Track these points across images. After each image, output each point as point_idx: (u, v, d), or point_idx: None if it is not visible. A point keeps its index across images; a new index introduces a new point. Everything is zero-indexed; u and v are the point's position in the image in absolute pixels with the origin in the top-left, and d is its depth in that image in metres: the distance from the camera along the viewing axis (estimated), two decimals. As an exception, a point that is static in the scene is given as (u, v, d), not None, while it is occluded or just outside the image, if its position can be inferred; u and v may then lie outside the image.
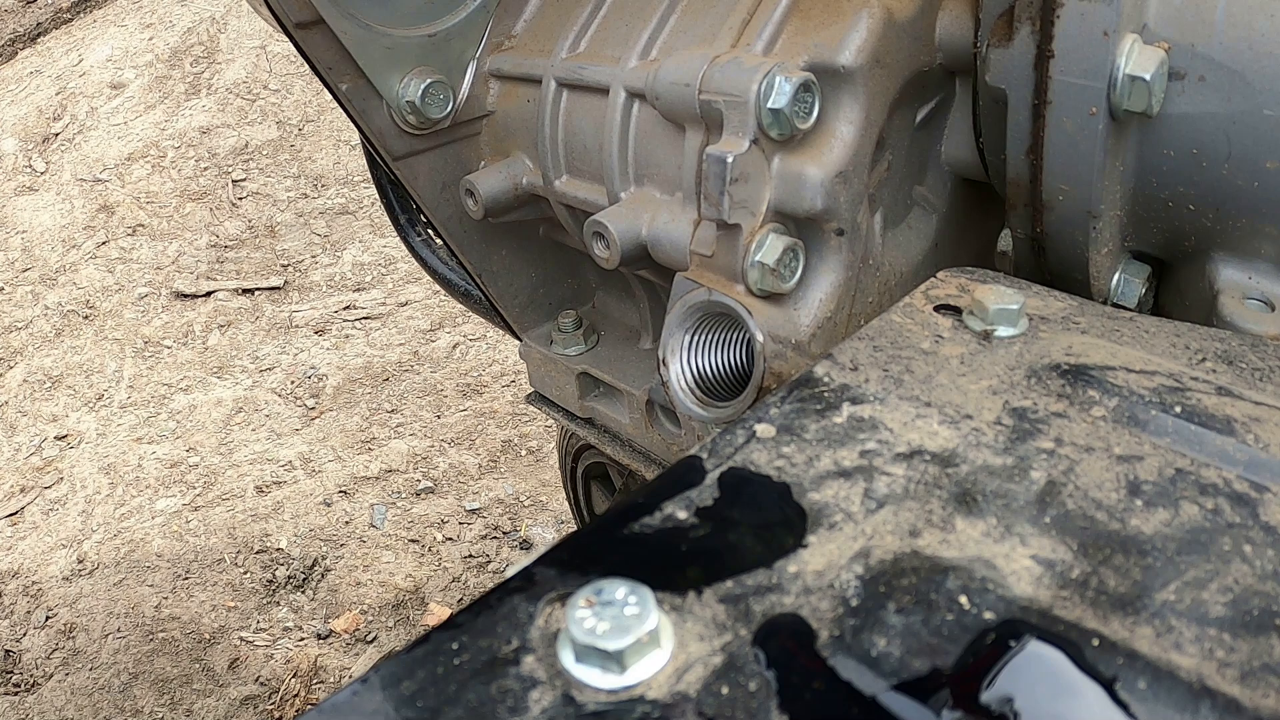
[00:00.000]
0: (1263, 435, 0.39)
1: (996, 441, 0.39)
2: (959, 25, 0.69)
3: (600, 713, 0.28)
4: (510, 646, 0.30)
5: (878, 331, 0.47)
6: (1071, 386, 0.42)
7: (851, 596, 0.32)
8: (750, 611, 0.32)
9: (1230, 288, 0.61)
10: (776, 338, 0.63)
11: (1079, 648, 0.30)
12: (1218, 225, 0.60)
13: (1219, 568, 0.33)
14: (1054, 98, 0.59)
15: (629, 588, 0.30)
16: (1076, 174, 0.60)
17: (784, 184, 0.63)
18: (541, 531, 2.12)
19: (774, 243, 0.62)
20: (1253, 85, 0.55)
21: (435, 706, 0.28)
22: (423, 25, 0.81)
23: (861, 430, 0.40)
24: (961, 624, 0.31)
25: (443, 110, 0.82)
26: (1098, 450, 0.39)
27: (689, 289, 0.64)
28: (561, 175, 0.81)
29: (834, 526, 0.35)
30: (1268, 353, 0.45)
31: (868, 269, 0.71)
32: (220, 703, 1.82)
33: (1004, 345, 0.46)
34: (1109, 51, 0.56)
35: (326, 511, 2.20)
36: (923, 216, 0.77)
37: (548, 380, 0.98)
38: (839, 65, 0.64)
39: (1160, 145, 0.60)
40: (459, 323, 2.78)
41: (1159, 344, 0.46)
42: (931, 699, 0.29)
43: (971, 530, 0.35)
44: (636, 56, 0.73)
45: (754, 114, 0.60)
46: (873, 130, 0.66)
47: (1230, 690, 0.29)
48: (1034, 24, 0.59)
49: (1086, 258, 0.64)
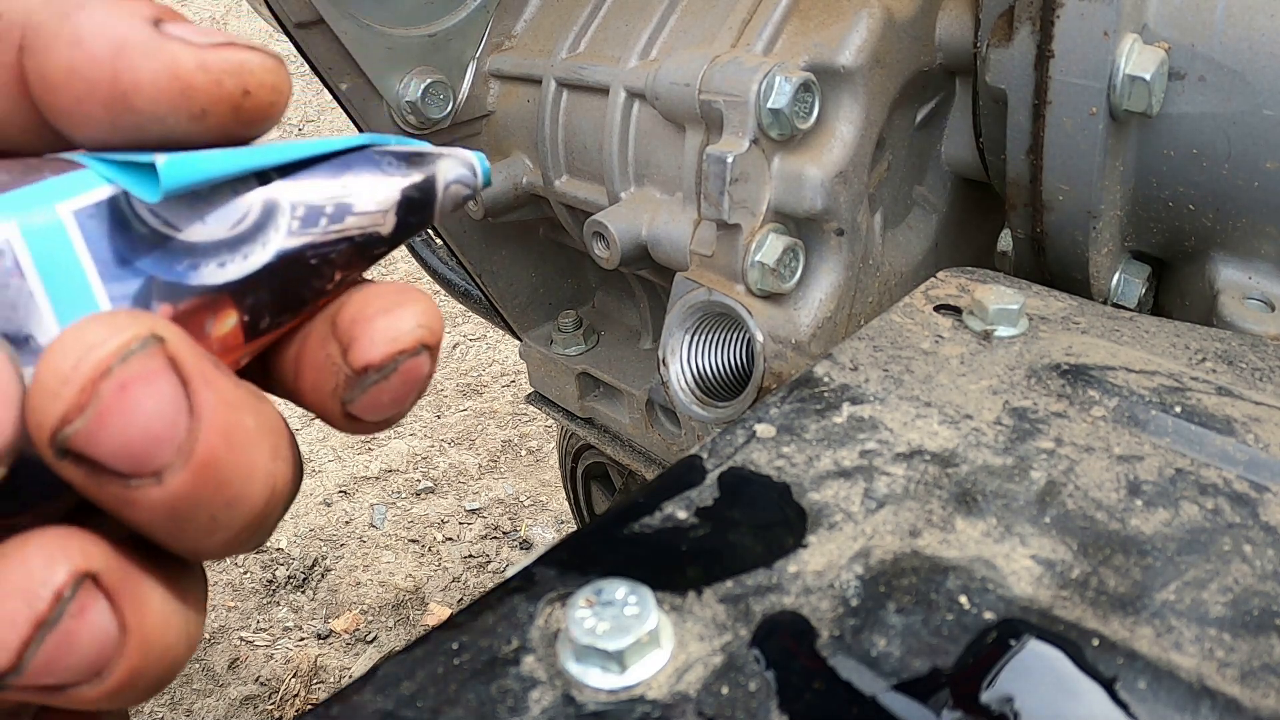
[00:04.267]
0: (1263, 435, 0.39)
1: (996, 441, 0.39)
2: (959, 25, 0.69)
3: (600, 713, 0.28)
4: (510, 646, 0.30)
5: (878, 331, 0.47)
6: (1071, 386, 0.42)
7: (851, 596, 0.32)
8: (750, 611, 0.32)
9: (1230, 288, 0.61)
10: (776, 338, 0.63)
11: (1079, 648, 0.30)
12: (1218, 225, 0.60)
13: (1219, 568, 0.33)
14: (1054, 98, 0.59)
15: (629, 588, 0.30)
16: (1076, 174, 0.60)
17: (784, 184, 0.63)
18: (541, 531, 2.12)
19: (774, 243, 0.62)
20: (1253, 85, 0.55)
21: (435, 706, 0.28)
22: (423, 25, 0.81)
23: (861, 430, 0.40)
24: (961, 624, 0.31)
25: (443, 110, 0.82)
26: (1098, 450, 0.39)
27: (689, 289, 0.64)
28: (561, 175, 0.81)
29: (834, 526, 0.35)
30: (1268, 353, 0.45)
31: (868, 269, 0.71)
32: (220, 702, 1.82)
33: (1004, 345, 0.46)
34: (1109, 51, 0.56)
35: (326, 511, 2.20)
36: (923, 216, 0.77)
37: (547, 380, 0.98)
38: (839, 65, 0.64)
39: (1160, 145, 0.59)
40: (459, 323, 2.78)
41: (1159, 344, 0.46)
42: (931, 699, 0.29)
43: (971, 530, 0.35)
44: (636, 56, 0.73)
45: (754, 114, 0.60)
46: (873, 130, 0.66)
47: (1230, 690, 0.29)
48: (1034, 24, 0.59)
49: (1086, 258, 0.64)
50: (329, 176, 0.33)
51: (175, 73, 0.29)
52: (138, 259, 0.29)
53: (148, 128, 0.30)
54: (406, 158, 0.35)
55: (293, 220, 0.32)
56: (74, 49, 0.29)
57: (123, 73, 0.29)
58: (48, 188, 0.29)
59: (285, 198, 0.32)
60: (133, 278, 0.29)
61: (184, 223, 0.30)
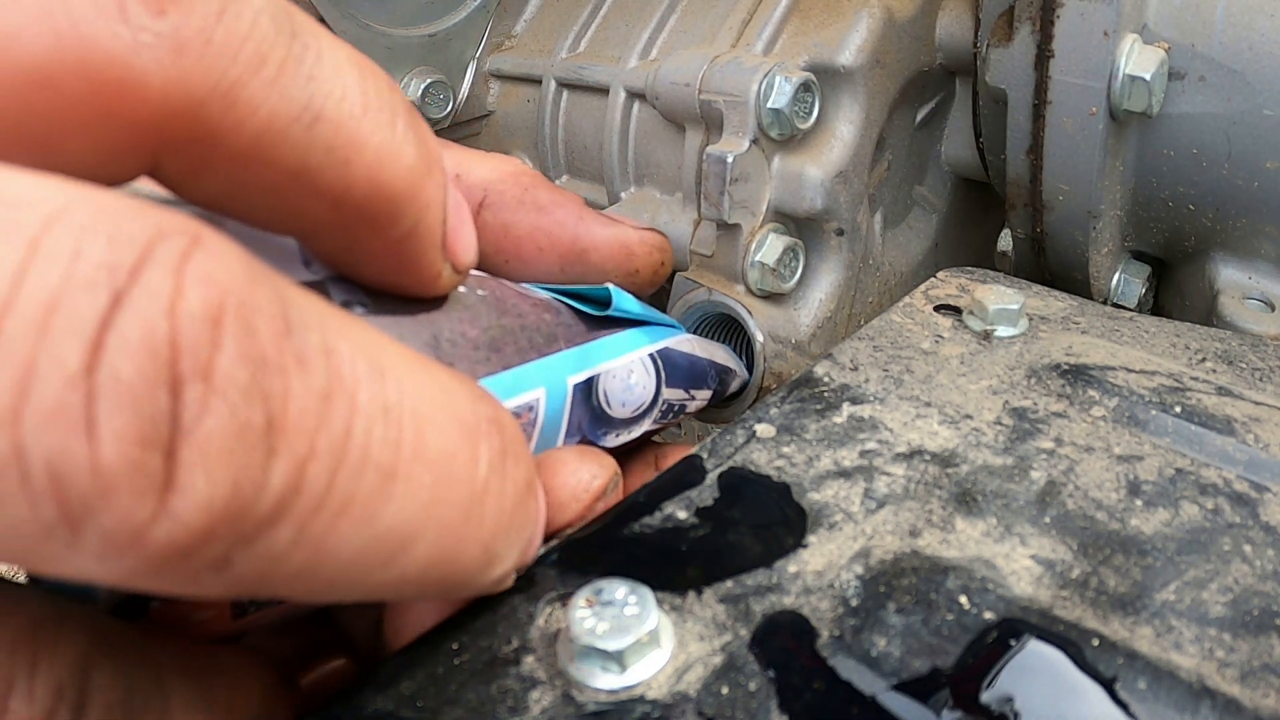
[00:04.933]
0: (1263, 435, 0.39)
1: (996, 441, 0.40)
2: (959, 25, 0.69)
3: (600, 713, 0.28)
4: (510, 646, 0.30)
5: (878, 331, 0.47)
6: (1071, 386, 0.42)
7: (851, 596, 0.32)
8: (750, 611, 0.32)
9: (1230, 288, 0.61)
10: (776, 338, 0.63)
11: (1079, 648, 0.30)
12: (1218, 225, 0.60)
13: (1219, 568, 0.33)
14: (1054, 98, 0.59)
15: (629, 588, 0.30)
16: (1076, 174, 0.60)
17: (784, 184, 0.63)
18: (541, 531, 2.12)
19: (774, 243, 0.62)
20: (1253, 85, 0.55)
21: (435, 706, 0.28)
22: (423, 25, 0.81)
23: (861, 430, 0.40)
24: (961, 624, 0.31)
25: (443, 110, 0.82)
26: (1098, 450, 0.39)
27: (689, 289, 0.64)
28: (562, 175, 0.81)
29: (834, 526, 0.35)
30: (1268, 353, 0.45)
31: (868, 269, 0.71)
32: (220, 703, 1.82)
33: (1004, 345, 0.46)
34: (1109, 51, 0.56)
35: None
36: (923, 216, 0.77)
37: (548, 380, 0.98)
38: (839, 65, 0.64)
39: (1160, 145, 0.59)
40: (459, 323, 2.78)
41: (1159, 344, 0.46)
42: (931, 699, 0.29)
43: (971, 530, 0.35)
44: (636, 56, 0.73)
45: (754, 114, 0.60)
46: (873, 130, 0.66)
47: (1230, 690, 0.29)
48: (1034, 24, 0.59)
49: (1086, 258, 0.64)
50: (683, 386, 0.45)
51: (623, 241, 0.43)
52: (585, 423, 0.39)
53: (588, 276, 0.42)
54: (725, 370, 0.51)
55: (659, 413, 0.44)
56: (541, 215, 0.41)
57: (583, 236, 0.42)
58: (575, 356, 0.39)
59: (664, 396, 0.44)
60: (576, 435, 0.39)
61: (614, 403, 0.40)
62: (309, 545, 0.21)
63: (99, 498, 0.17)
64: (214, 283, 0.19)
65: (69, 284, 0.17)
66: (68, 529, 0.17)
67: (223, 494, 0.19)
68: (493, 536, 0.26)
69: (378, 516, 0.22)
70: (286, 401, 0.20)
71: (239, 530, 0.19)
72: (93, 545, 0.18)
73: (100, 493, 0.17)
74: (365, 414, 0.22)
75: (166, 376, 0.18)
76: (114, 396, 0.17)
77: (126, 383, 0.17)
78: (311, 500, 0.20)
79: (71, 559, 0.18)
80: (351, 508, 0.21)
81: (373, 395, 0.22)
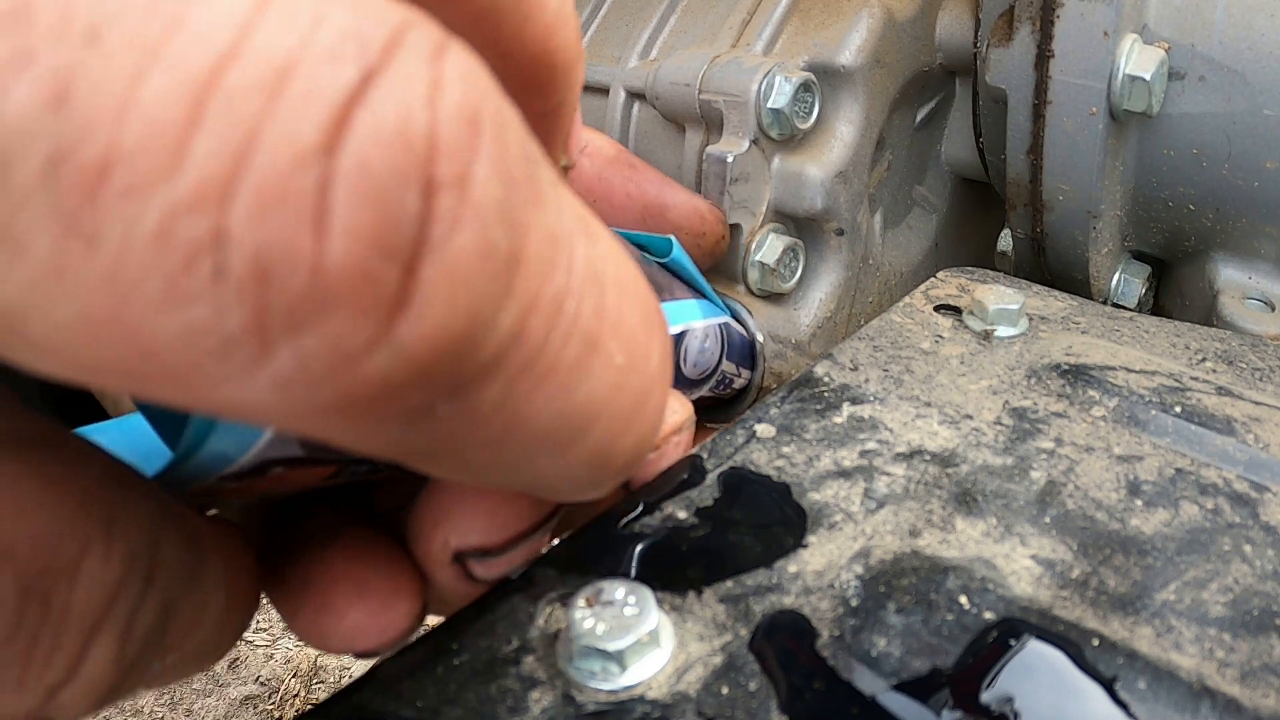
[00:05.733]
0: (1263, 435, 0.39)
1: (996, 441, 0.40)
2: (959, 25, 0.69)
3: (600, 713, 0.28)
4: (510, 646, 0.30)
5: (878, 331, 0.47)
6: (1071, 386, 0.42)
7: (851, 596, 0.32)
8: (750, 611, 0.32)
9: (1230, 288, 0.61)
10: (776, 338, 0.63)
11: (1079, 648, 0.30)
12: (1218, 225, 0.60)
13: (1219, 568, 0.33)
14: (1054, 98, 0.59)
15: (629, 588, 0.30)
16: (1076, 174, 0.60)
17: (784, 184, 0.63)
18: (541, 531, 2.12)
19: (774, 243, 0.62)
20: (1253, 85, 0.55)
21: (435, 706, 0.28)
22: (423, 25, 0.81)
23: (861, 430, 0.40)
24: (961, 624, 0.31)
25: (443, 110, 0.82)
26: (1098, 450, 0.39)
27: (689, 289, 0.64)
28: (561, 175, 0.81)
29: (834, 526, 0.35)
30: (1268, 353, 0.45)
31: (868, 269, 0.71)
32: (220, 702, 1.82)
33: (1004, 345, 0.46)
34: (1109, 51, 0.56)
35: (326, 511, 2.20)
36: (923, 216, 0.77)
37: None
38: (839, 65, 0.64)
39: (1160, 145, 0.59)
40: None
41: (1159, 344, 0.46)
42: (931, 699, 0.29)
43: (971, 530, 0.35)
44: (636, 56, 0.73)
45: (754, 114, 0.60)
46: (873, 130, 0.66)
47: (1230, 690, 0.29)
48: (1034, 24, 0.59)
49: (1086, 258, 0.64)
50: (736, 361, 0.50)
51: (697, 207, 0.52)
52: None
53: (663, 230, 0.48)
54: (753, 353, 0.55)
55: (714, 382, 0.47)
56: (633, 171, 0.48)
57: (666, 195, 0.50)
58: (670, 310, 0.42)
59: (722, 367, 0.47)
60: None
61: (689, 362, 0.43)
62: (508, 410, 0.18)
63: (313, 308, 0.14)
64: (472, 83, 0.16)
65: (309, 48, 0.14)
66: (256, 344, 0.14)
67: (458, 327, 0.15)
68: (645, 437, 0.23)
69: (573, 390, 0.19)
70: (528, 235, 0.17)
71: (457, 375, 0.16)
72: (281, 370, 0.14)
73: (317, 302, 0.14)
74: (580, 274, 0.19)
75: (421, 176, 0.15)
76: (355, 187, 0.14)
77: (374, 174, 0.14)
78: (524, 357, 0.17)
79: (242, 385, 0.14)
80: (555, 375, 0.18)
81: (588, 256, 0.19)
